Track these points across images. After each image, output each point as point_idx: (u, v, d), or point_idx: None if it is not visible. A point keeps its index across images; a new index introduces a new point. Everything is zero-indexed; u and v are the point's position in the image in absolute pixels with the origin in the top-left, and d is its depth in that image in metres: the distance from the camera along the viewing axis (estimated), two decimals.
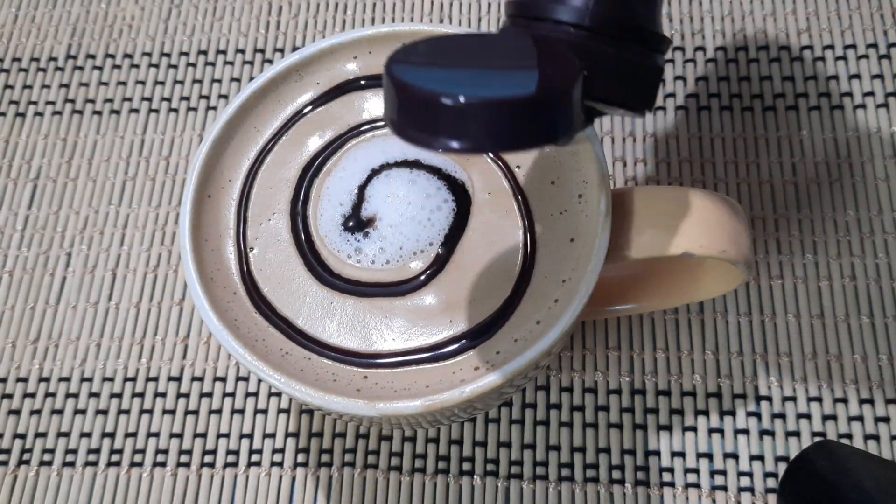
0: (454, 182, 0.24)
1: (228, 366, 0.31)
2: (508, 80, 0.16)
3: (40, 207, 0.34)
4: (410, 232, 0.23)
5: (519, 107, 0.15)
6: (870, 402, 0.29)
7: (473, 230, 0.23)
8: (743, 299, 0.30)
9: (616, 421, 0.29)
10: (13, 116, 0.37)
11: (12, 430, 0.31)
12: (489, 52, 0.17)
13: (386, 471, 0.29)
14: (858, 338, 0.30)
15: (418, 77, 0.16)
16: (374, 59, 0.26)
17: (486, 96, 0.15)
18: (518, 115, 0.15)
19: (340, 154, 0.24)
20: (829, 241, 0.31)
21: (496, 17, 0.37)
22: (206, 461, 0.29)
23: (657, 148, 0.33)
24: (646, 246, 0.22)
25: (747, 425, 0.29)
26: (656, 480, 0.28)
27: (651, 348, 0.30)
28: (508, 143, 0.15)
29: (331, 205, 0.24)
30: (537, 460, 0.29)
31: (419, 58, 0.17)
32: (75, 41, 0.38)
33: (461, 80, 0.16)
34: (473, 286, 0.22)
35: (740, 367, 0.29)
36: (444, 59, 0.17)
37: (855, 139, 0.33)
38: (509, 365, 0.20)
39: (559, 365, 0.30)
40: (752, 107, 0.34)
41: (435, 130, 0.15)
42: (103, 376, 0.31)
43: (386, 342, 0.22)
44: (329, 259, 0.23)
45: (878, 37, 0.35)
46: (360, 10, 0.37)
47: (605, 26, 0.17)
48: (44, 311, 0.32)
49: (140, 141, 0.35)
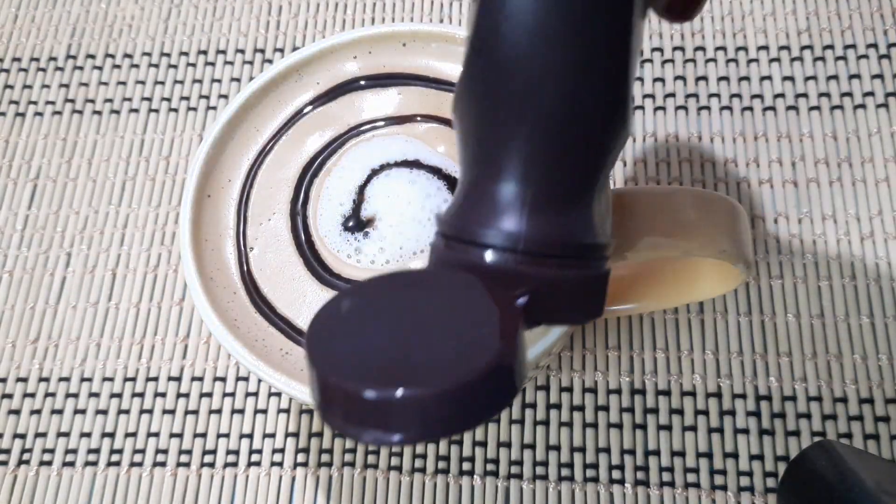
0: (454, 182, 0.24)
1: (228, 366, 0.31)
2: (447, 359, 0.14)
3: (40, 207, 0.34)
4: (410, 232, 0.23)
5: (459, 394, 0.13)
6: (870, 401, 0.29)
7: None
8: (743, 299, 0.30)
9: (616, 421, 0.29)
10: (13, 116, 0.37)
11: (12, 430, 0.31)
12: (425, 310, 0.15)
13: (386, 471, 0.29)
14: (858, 338, 0.30)
15: (341, 360, 0.14)
16: (374, 59, 0.26)
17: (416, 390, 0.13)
18: (459, 401, 0.13)
19: (340, 154, 0.24)
20: (829, 241, 0.31)
21: None
22: (206, 461, 0.29)
23: (657, 148, 0.33)
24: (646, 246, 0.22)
25: (747, 425, 0.29)
26: (656, 480, 0.28)
27: (651, 348, 0.30)
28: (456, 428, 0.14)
29: (331, 205, 0.24)
30: (537, 460, 0.29)
31: (343, 327, 0.15)
32: (75, 41, 0.38)
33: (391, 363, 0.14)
34: None
35: (740, 367, 0.29)
36: (371, 329, 0.15)
37: (855, 139, 0.33)
38: None
39: (559, 365, 0.30)
40: (751, 107, 0.34)
41: (362, 423, 0.13)
42: (103, 376, 0.31)
43: None
44: (329, 259, 0.23)
45: (878, 37, 0.35)
46: (360, 10, 0.37)
47: (542, 248, 0.16)
48: (44, 311, 0.32)
49: (140, 141, 0.35)
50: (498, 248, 0.16)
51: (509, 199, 0.16)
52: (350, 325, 0.15)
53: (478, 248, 0.16)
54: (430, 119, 0.25)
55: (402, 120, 0.25)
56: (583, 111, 0.16)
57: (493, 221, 0.16)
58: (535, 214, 0.16)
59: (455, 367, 0.14)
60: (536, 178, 0.16)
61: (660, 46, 0.35)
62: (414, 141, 0.24)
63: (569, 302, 0.17)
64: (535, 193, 0.16)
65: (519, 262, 0.16)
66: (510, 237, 0.16)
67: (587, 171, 0.16)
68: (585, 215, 0.17)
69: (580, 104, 0.16)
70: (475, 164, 0.17)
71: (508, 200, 0.16)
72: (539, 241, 0.16)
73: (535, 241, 0.16)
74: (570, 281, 0.16)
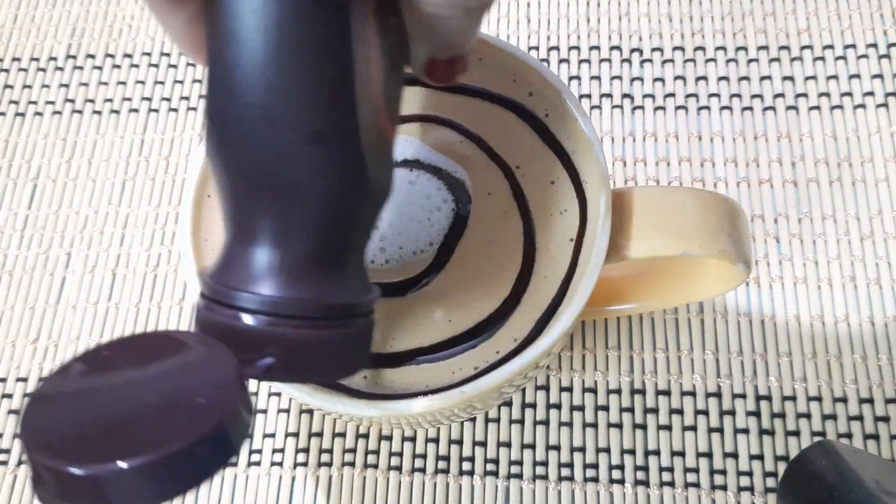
0: (454, 182, 0.24)
1: None
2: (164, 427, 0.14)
3: (40, 207, 0.34)
4: (410, 232, 0.23)
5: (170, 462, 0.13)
6: (869, 401, 0.29)
7: (473, 230, 0.23)
8: (743, 299, 0.30)
9: (616, 421, 0.29)
10: (13, 116, 0.37)
11: (12, 429, 0.31)
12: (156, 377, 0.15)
13: (386, 470, 0.29)
14: (858, 338, 0.30)
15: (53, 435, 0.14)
16: None
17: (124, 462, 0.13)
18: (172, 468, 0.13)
19: None
20: (829, 241, 0.31)
21: (496, 18, 0.37)
22: None
23: (657, 148, 0.33)
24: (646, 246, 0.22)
25: (747, 425, 0.29)
26: (656, 480, 0.28)
27: (651, 348, 0.30)
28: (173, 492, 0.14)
29: None
30: (537, 460, 0.29)
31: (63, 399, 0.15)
32: (75, 41, 0.38)
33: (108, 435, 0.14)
34: (473, 286, 0.22)
35: (740, 367, 0.29)
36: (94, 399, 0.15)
37: (855, 139, 0.33)
38: (509, 365, 0.20)
39: (559, 365, 0.30)
40: (751, 107, 0.34)
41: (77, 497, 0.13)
42: None
43: (386, 342, 0.22)
44: None
45: (878, 37, 0.35)
46: None
47: (291, 311, 0.17)
48: (44, 311, 0.32)
49: (140, 141, 0.35)
50: (248, 310, 0.16)
51: (260, 263, 0.17)
52: (71, 396, 0.15)
53: (230, 310, 0.17)
54: (430, 119, 0.25)
55: (401, 120, 0.25)
56: (316, 182, 0.16)
57: (245, 284, 0.17)
58: (284, 278, 0.17)
59: (170, 435, 0.14)
60: (284, 244, 0.17)
61: (660, 46, 0.35)
62: (414, 141, 0.24)
63: (330, 358, 0.18)
64: (284, 257, 0.17)
65: (269, 324, 0.16)
66: (259, 300, 0.16)
67: (334, 236, 0.17)
68: (338, 276, 0.17)
69: (312, 175, 0.16)
70: (230, 224, 0.17)
71: (259, 264, 0.17)
72: (287, 304, 0.17)
73: (284, 304, 0.17)
74: (326, 340, 0.17)
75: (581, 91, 0.35)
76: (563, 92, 0.24)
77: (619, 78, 0.35)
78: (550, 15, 0.37)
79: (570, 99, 0.24)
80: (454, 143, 0.24)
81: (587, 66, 0.35)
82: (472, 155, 0.24)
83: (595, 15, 0.36)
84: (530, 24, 0.36)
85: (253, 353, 0.16)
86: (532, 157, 0.24)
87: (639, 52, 0.35)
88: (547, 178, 0.24)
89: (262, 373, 0.16)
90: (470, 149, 0.24)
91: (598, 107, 0.34)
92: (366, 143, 0.17)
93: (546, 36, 0.36)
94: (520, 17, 0.37)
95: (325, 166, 0.16)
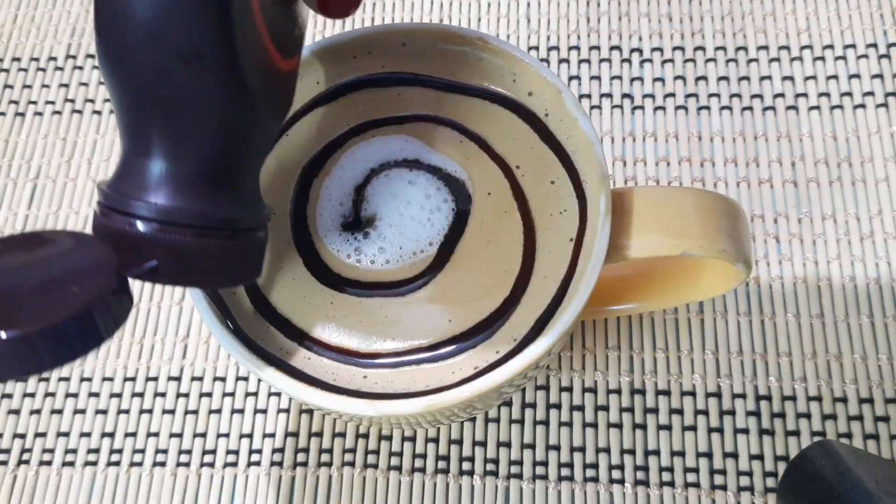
0: (454, 182, 0.24)
1: (228, 366, 0.31)
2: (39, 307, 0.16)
3: (40, 207, 0.34)
4: (410, 232, 0.23)
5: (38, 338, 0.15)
6: (869, 401, 0.29)
7: (473, 230, 0.23)
8: (743, 299, 0.30)
9: (616, 421, 0.29)
10: (13, 116, 0.37)
11: (12, 429, 0.31)
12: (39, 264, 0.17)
13: (386, 470, 0.29)
14: (858, 338, 0.30)
15: None
16: (373, 58, 0.26)
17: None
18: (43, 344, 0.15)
19: (340, 154, 0.24)
20: (829, 241, 0.31)
21: (496, 17, 0.37)
22: (206, 461, 0.29)
23: (657, 148, 0.33)
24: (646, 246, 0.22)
25: (747, 425, 0.29)
26: (656, 480, 0.28)
27: (651, 348, 0.30)
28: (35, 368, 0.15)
29: (330, 205, 0.24)
30: (537, 460, 0.29)
31: None
32: (75, 41, 0.38)
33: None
34: (473, 286, 0.22)
35: (740, 367, 0.29)
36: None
37: (855, 139, 0.33)
38: (509, 365, 0.20)
39: (559, 365, 0.30)
40: (751, 107, 0.34)
41: None
42: (103, 376, 0.31)
43: (385, 342, 0.22)
44: (329, 259, 0.23)
45: (878, 37, 0.35)
46: (360, 10, 0.37)
47: (174, 218, 0.18)
48: None
49: None
50: (137, 216, 0.18)
51: (151, 174, 0.18)
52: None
53: (122, 217, 0.18)
54: (430, 119, 0.25)
55: (402, 120, 0.25)
56: (197, 99, 0.18)
57: (137, 192, 0.18)
58: (173, 188, 0.18)
59: (42, 314, 0.15)
60: (172, 156, 0.18)
61: (660, 46, 0.35)
62: (414, 141, 0.24)
63: (213, 267, 0.19)
64: (172, 169, 0.18)
65: (155, 230, 0.18)
66: (147, 208, 0.18)
67: (220, 152, 0.19)
68: (227, 191, 0.19)
69: (193, 92, 0.17)
70: (124, 136, 0.19)
71: (150, 175, 0.18)
72: (174, 212, 0.18)
73: (170, 212, 0.18)
74: (209, 249, 0.18)
75: (581, 91, 0.35)
76: (563, 92, 0.24)
77: (618, 78, 0.35)
78: (550, 15, 0.37)
79: (570, 99, 0.24)
80: (454, 143, 0.24)
81: (587, 66, 0.35)
82: (472, 155, 0.24)
83: (595, 15, 0.36)
84: (530, 24, 0.36)
85: (140, 256, 0.18)
86: (532, 157, 0.24)
87: (639, 52, 0.35)
88: (547, 177, 0.24)
89: (146, 274, 0.18)
90: (470, 149, 0.24)
91: (598, 107, 0.34)
92: (245, 65, 0.18)
93: (546, 36, 0.36)
94: (520, 17, 0.37)
95: (203, 84, 0.17)
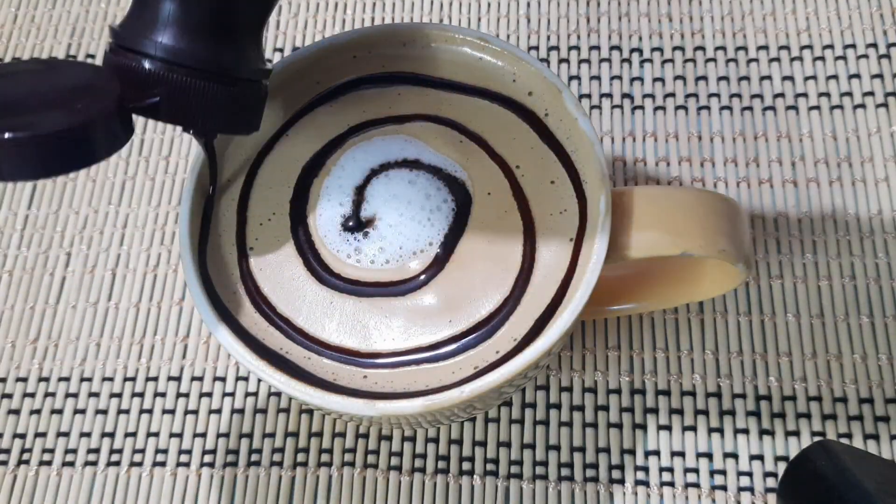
0: (454, 182, 0.24)
1: (228, 366, 0.31)
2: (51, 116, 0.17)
3: (40, 207, 0.34)
4: (410, 232, 0.23)
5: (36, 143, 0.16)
6: (869, 401, 0.29)
7: (473, 230, 0.23)
8: (743, 299, 0.30)
9: (616, 421, 0.29)
10: None
11: (12, 429, 0.31)
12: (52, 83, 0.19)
13: (386, 470, 0.29)
14: (858, 338, 0.30)
15: None
16: (374, 59, 0.26)
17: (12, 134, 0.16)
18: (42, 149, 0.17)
19: (340, 154, 0.24)
20: (829, 241, 0.31)
21: (496, 17, 0.37)
22: (206, 461, 0.29)
23: (657, 148, 0.33)
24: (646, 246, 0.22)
25: (747, 425, 0.29)
26: (656, 480, 0.28)
27: (651, 348, 0.30)
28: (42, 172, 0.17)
29: (330, 205, 0.24)
30: (537, 460, 0.29)
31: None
32: (75, 41, 0.38)
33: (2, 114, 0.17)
34: (473, 286, 0.22)
35: (740, 367, 0.29)
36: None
37: (855, 139, 0.33)
38: (509, 365, 0.20)
39: (559, 365, 0.30)
40: (751, 107, 0.34)
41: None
42: (103, 376, 0.31)
43: (385, 342, 0.22)
44: (329, 259, 0.23)
45: (878, 37, 0.35)
46: (360, 10, 0.37)
47: (175, 57, 0.19)
48: (44, 311, 0.32)
49: (140, 141, 0.35)
50: (144, 54, 0.19)
51: (160, 16, 0.19)
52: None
53: (130, 54, 0.19)
54: (430, 119, 0.25)
55: (402, 120, 0.25)
56: None
57: (142, 31, 0.19)
58: (180, 31, 0.19)
59: (45, 124, 0.17)
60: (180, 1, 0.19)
61: (660, 46, 0.35)
62: (414, 141, 0.24)
63: (211, 111, 0.20)
64: (181, 14, 0.19)
65: (160, 69, 0.19)
66: (153, 45, 0.19)
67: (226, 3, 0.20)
68: (231, 43, 0.20)
69: None
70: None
71: (159, 17, 0.19)
72: (179, 53, 0.19)
73: (176, 52, 0.19)
74: (208, 91, 0.20)
75: (581, 91, 0.35)
76: (563, 92, 0.24)
77: (618, 78, 0.35)
78: (550, 15, 0.37)
79: (570, 99, 0.24)
80: (454, 143, 0.24)
81: (587, 66, 0.35)
82: (472, 155, 0.24)
83: (595, 15, 0.36)
84: (530, 24, 0.36)
85: (144, 93, 0.19)
86: (532, 157, 0.24)
87: (639, 52, 0.35)
88: (547, 177, 0.24)
89: (148, 109, 0.19)
90: (470, 149, 0.24)
91: (597, 107, 0.34)
92: None
93: (546, 36, 0.36)
94: (520, 17, 0.37)
95: None
